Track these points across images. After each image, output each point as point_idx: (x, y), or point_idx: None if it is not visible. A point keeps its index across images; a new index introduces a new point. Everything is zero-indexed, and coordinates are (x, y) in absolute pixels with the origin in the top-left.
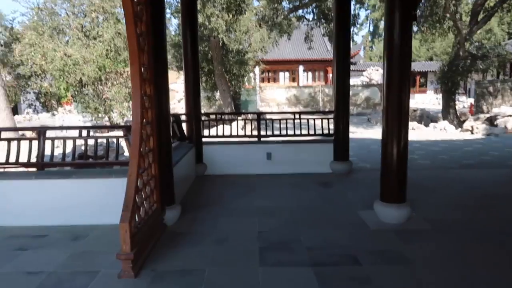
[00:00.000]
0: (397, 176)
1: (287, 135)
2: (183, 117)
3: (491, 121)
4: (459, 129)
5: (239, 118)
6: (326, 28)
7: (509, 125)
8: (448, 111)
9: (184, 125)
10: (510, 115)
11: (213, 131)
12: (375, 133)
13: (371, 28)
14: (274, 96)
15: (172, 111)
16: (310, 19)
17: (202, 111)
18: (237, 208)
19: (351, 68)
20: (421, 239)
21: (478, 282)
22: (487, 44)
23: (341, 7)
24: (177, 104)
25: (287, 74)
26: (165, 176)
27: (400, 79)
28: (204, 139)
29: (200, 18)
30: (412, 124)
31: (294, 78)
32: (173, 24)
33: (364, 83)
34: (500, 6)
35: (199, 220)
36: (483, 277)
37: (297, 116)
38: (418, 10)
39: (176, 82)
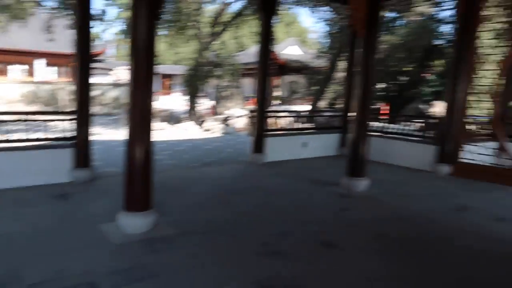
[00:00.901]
0: (141, 181)
1: (8, 141)
2: None
3: (226, 121)
4: (201, 129)
5: None
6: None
7: (239, 125)
8: (192, 112)
9: None
10: (238, 117)
11: None
12: (123, 134)
13: (123, 27)
14: (2, 93)
15: None
16: (51, 7)
17: None
18: None
19: (101, 66)
20: (169, 247)
21: (229, 279)
22: (223, 54)
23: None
24: None
25: (23, 67)
26: None
27: (144, 78)
28: None
29: None
30: (160, 125)
31: (32, 72)
32: None
33: (112, 82)
34: (232, 22)
35: None
36: (231, 272)
37: (31, 116)
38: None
39: None
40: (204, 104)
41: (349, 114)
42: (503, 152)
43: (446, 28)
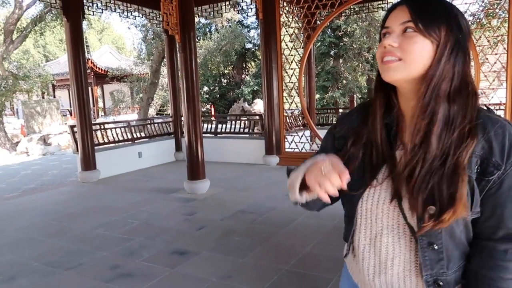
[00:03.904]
0: None
1: None
2: None
3: (45, 140)
4: (13, 152)
5: None
6: None
7: (62, 142)
8: None
9: None
10: (61, 133)
11: None
12: None
13: None
14: None
15: None
16: None
17: None
18: None
19: None
20: None
21: None
22: (27, 64)
23: None
24: None
25: None
26: None
27: None
28: None
29: None
30: None
31: None
32: None
33: None
34: (32, 28)
35: None
36: None
37: None
38: None
39: None
40: (12, 123)
41: (180, 118)
42: (315, 138)
43: (254, 33)
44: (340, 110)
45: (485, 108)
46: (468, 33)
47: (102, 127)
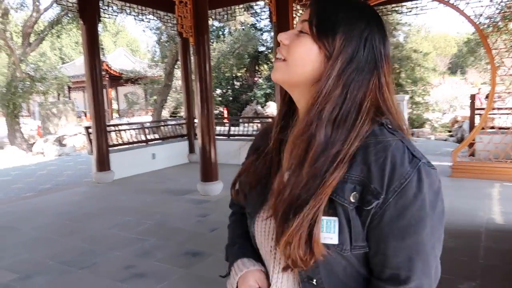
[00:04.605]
0: None
1: None
2: None
3: (60, 141)
4: (30, 153)
5: None
6: None
7: (77, 143)
8: (15, 135)
9: None
10: (76, 134)
11: None
12: None
13: None
14: None
15: None
16: None
17: None
18: None
19: None
20: None
21: None
22: (44, 66)
23: None
24: None
25: None
26: None
27: None
28: None
29: None
30: None
31: None
32: None
33: None
34: (49, 31)
35: None
36: None
37: None
38: None
39: None
40: (29, 124)
41: (193, 120)
42: None
43: (267, 36)
44: None
45: (386, 128)
46: (383, 55)
47: (117, 129)
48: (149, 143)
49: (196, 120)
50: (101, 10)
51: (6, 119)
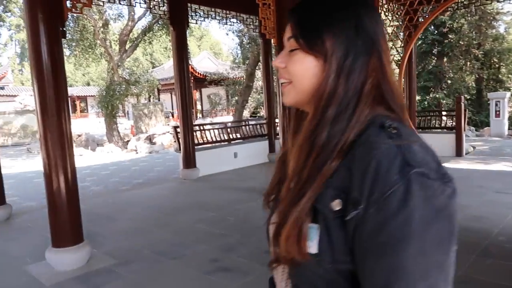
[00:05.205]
0: (68, 212)
1: None
2: None
3: (150, 139)
4: (125, 150)
5: None
6: None
7: (165, 142)
8: (112, 133)
9: None
10: (164, 133)
11: None
12: (38, 164)
13: (18, 50)
14: None
15: None
16: None
17: None
18: None
19: (3, 93)
20: (109, 280)
21: None
22: (137, 71)
23: None
24: None
25: None
26: None
27: (57, 102)
28: None
29: None
30: (78, 150)
31: None
32: None
33: (18, 110)
34: (142, 38)
35: None
36: None
37: None
38: (68, 34)
39: None
40: (123, 124)
41: (274, 120)
42: None
43: None
44: (444, 113)
45: (385, 131)
46: (379, 33)
47: (201, 128)
48: (231, 142)
49: (277, 120)
50: (189, 16)
51: (105, 119)
